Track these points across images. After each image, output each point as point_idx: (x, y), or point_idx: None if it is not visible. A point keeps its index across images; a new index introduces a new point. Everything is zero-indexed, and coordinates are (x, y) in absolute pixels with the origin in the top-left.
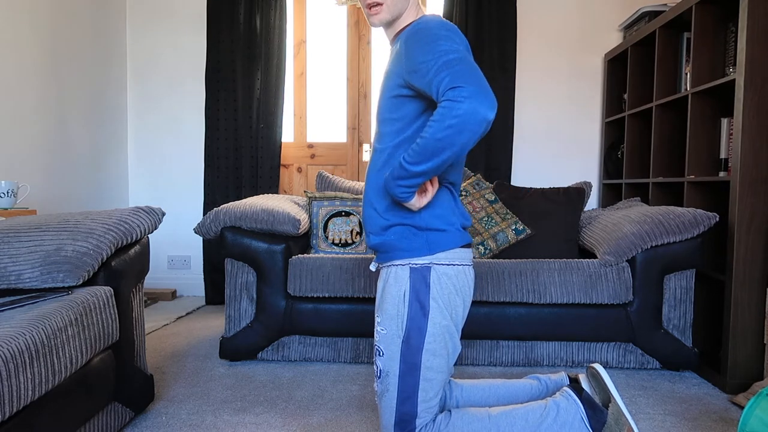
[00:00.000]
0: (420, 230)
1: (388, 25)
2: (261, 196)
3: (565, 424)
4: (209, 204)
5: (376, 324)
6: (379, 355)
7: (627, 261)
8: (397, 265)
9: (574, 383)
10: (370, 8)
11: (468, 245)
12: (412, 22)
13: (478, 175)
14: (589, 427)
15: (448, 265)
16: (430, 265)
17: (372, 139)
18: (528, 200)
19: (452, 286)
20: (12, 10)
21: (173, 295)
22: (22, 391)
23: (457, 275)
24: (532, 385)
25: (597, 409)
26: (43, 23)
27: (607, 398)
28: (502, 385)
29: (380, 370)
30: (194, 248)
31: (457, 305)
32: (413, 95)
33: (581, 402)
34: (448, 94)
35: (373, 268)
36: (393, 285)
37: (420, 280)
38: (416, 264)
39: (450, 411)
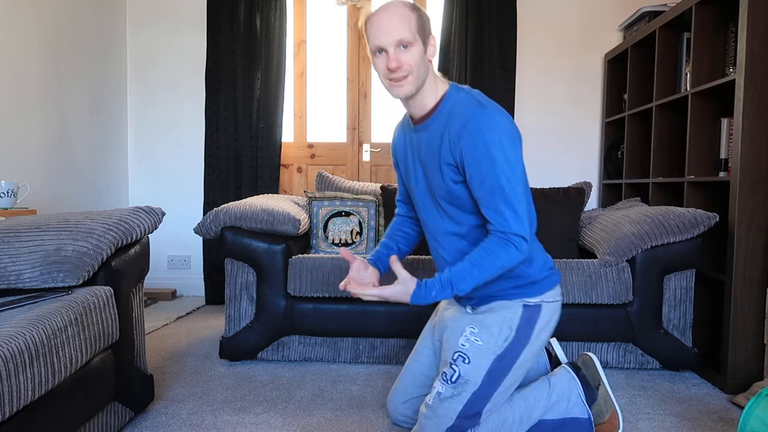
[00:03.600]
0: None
1: (409, 97)
2: (261, 196)
3: (563, 398)
4: (209, 204)
5: (465, 332)
6: (463, 361)
7: (627, 261)
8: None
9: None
10: (396, 81)
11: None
12: (443, 98)
13: None
14: (584, 401)
15: (553, 302)
16: (541, 303)
17: (422, 211)
18: None
19: (553, 322)
20: (12, 11)
21: (173, 295)
22: (22, 391)
23: (557, 310)
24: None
25: (590, 388)
26: (43, 23)
27: (597, 383)
28: None
29: (458, 376)
30: (194, 248)
31: (548, 335)
32: None
33: (578, 378)
34: (512, 238)
35: (469, 311)
36: (503, 308)
37: (531, 315)
38: (529, 302)
39: None
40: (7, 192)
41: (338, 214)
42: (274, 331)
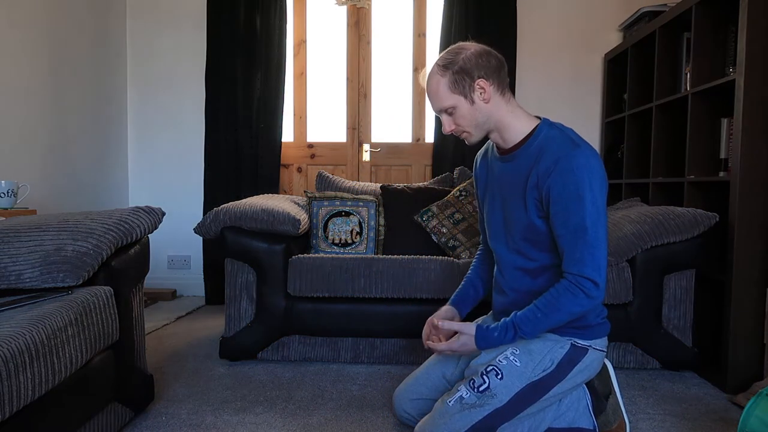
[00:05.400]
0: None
1: (482, 140)
2: (261, 196)
3: (571, 408)
4: (209, 204)
5: (507, 351)
6: (496, 375)
7: (627, 261)
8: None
9: None
10: (460, 134)
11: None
12: (533, 133)
13: None
14: (591, 412)
15: (600, 350)
16: (588, 347)
17: (492, 240)
18: None
19: (592, 369)
20: (12, 11)
21: (173, 295)
22: (22, 391)
23: (600, 360)
24: None
25: (598, 398)
26: (43, 24)
27: (608, 391)
28: None
29: (487, 387)
30: (194, 248)
31: (583, 380)
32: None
33: (587, 388)
34: (583, 282)
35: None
36: (551, 339)
37: (575, 355)
38: (578, 344)
39: None
40: (7, 192)
41: (338, 214)
42: (274, 331)
